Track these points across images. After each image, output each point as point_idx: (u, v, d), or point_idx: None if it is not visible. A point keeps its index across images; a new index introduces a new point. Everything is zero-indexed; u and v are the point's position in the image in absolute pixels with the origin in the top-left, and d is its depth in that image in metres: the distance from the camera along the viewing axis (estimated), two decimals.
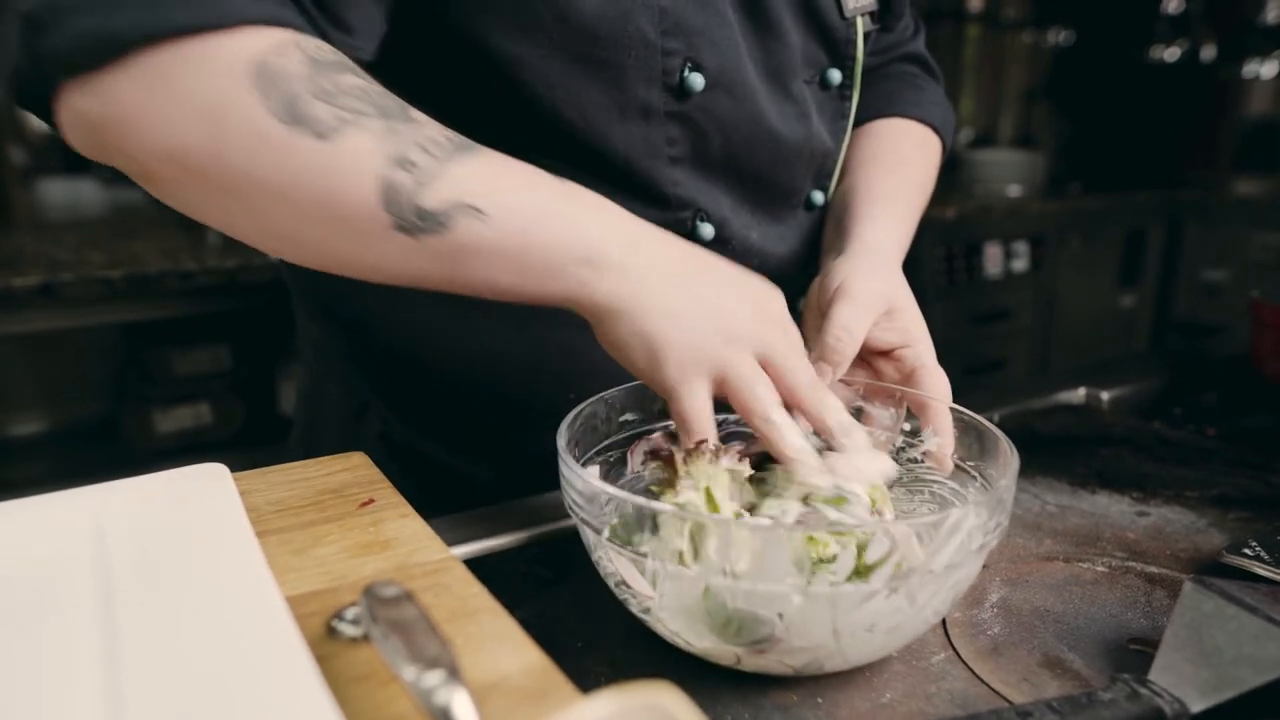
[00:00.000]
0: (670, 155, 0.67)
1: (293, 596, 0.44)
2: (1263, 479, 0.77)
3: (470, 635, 0.40)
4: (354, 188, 0.48)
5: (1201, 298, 3.22)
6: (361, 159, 0.47)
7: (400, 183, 0.48)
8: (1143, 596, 0.57)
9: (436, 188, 0.48)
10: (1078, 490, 0.74)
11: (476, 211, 0.49)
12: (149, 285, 1.70)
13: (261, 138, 0.47)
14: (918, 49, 0.92)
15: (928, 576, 0.45)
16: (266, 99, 0.47)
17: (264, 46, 0.47)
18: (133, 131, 0.47)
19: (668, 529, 0.46)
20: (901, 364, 0.64)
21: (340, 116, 0.47)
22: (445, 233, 0.49)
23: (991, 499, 0.47)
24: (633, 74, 0.62)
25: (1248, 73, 3.26)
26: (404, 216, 0.48)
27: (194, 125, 0.47)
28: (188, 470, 0.53)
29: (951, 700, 0.47)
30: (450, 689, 0.33)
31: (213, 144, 0.47)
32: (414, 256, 0.50)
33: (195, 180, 0.49)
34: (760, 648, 0.45)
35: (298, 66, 0.48)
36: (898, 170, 0.80)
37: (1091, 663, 0.50)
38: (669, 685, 0.27)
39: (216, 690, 0.35)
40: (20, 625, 0.40)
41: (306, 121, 0.47)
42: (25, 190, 2.24)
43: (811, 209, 0.79)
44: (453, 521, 0.65)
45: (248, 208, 0.50)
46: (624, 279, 0.51)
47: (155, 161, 0.48)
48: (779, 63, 0.69)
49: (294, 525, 0.51)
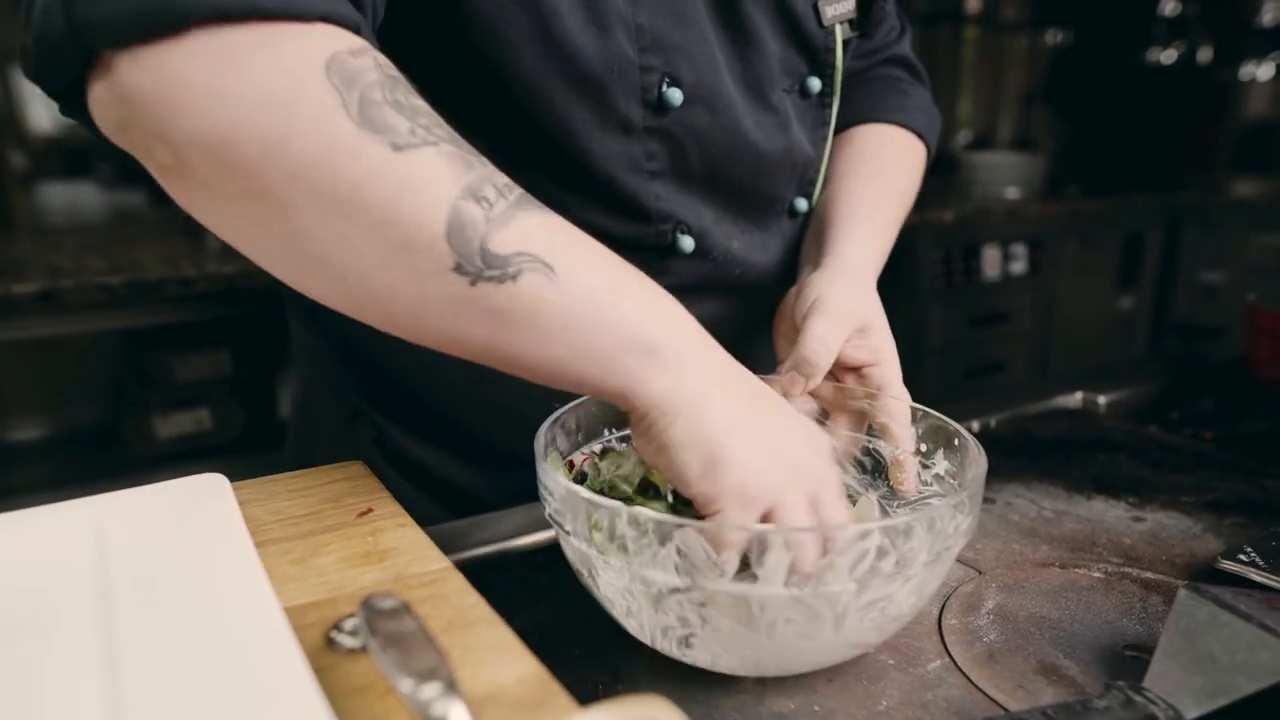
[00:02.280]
0: (650, 169, 0.67)
1: (292, 607, 0.44)
2: (1259, 484, 0.77)
3: (468, 646, 0.41)
4: (420, 212, 0.43)
5: (1200, 300, 3.22)
6: (434, 182, 0.43)
7: (472, 217, 0.43)
8: (1138, 603, 0.58)
9: (508, 231, 0.44)
10: (1074, 495, 0.74)
11: (546, 267, 0.44)
12: (149, 291, 1.70)
13: (331, 135, 0.42)
14: (903, 51, 0.92)
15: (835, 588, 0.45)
16: (342, 96, 0.42)
17: (341, 45, 0.44)
18: (179, 112, 0.42)
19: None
20: (868, 382, 0.65)
21: (416, 133, 0.44)
22: (508, 285, 0.44)
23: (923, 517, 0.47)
24: (613, 90, 0.62)
25: (1245, 75, 3.26)
26: (468, 256, 0.43)
27: (256, 109, 0.42)
28: (187, 480, 0.53)
29: (948, 707, 0.47)
30: (447, 701, 0.33)
31: (273, 133, 0.42)
32: (464, 307, 0.44)
33: (237, 177, 0.43)
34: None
35: (374, 73, 0.44)
36: (878, 179, 0.80)
37: (1087, 669, 0.51)
38: (661, 698, 0.27)
39: (216, 701, 0.35)
40: (21, 635, 0.40)
41: (382, 129, 0.43)
42: (25, 194, 2.24)
43: (795, 216, 0.80)
44: (451, 530, 0.65)
45: (290, 218, 0.44)
46: (686, 378, 0.47)
47: (196, 149, 0.43)
48: (757, 73, 0.70)
49: (293, 535, 0.52)
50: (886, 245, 0.77)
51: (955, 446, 0.58)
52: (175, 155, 0.44)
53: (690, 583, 0.44)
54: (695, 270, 0.72)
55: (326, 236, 0.44)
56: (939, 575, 0.49)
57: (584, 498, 0.46)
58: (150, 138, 0.44)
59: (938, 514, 0.47)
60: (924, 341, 2.67)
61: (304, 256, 0.45)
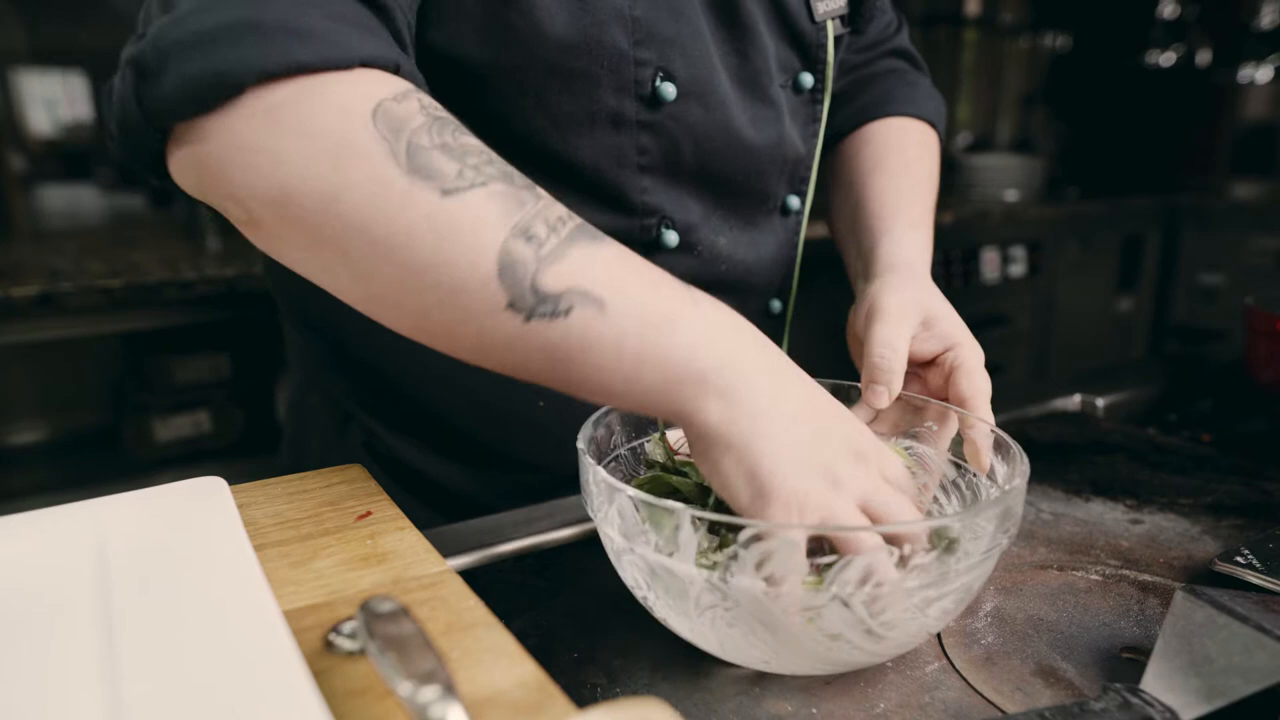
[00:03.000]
0: (640, 164, 0.67)
1: (290, 610, 0.44)
2: (1257, 486, 0.77)
3: (466, 649, 0.41)
4: (471, 254, 0.44)
5: (1199, 302, 3.23)
6: (484, 224, 0.44)
7: (522, 256, 0.44)
8: (1136, 605, 0.58)
9: (558, 268, 0.44)
10: (1072, 498, 0.75)
11: (597, 302, 0.45)
12: (148, 294, 1.70)
13: (381, 184, 0.44)
14: (902, 44, 0.93)
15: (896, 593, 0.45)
16: (389, 145, 0.44)
17: (385, 92, 0.45)
18: (240, 172, 0.45)
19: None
20: (942, 367, 0.63)
21: (464, 175, 0.45)
22: (559, 320, 0.44)
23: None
24: (605, 84, 0.62)
25: (1243, 77, 3.27)
26: (519, 294, 0.44)
27: (309, 164, 0.44)
28: (186, 484, 0.53)
29: (945, 710, 0.47)
30: (445, 704, 0.33)
31: (327, 186, 0.44)
32: (519, 342, 0.45)
33: (300, 230, 0.46)
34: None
35: (419, 117, 0.45)
36: (905, 173, 0.80)
37: (1085, 671, 0.51)
38: (659, 701, 0.27)
39: (215, 704, 0.35)
40: (21, 638, 0.40)
41: (431, 174, 0.44)
42: (25, 197, 2.24)
43: (787, 214, 0.80)
44: (449, 533, 0.65)
45: (352, 263, 0.46)
46: (739, 410, 0.46)
47: (261, 205, 0.46)
48: (753, 68, 0.70)
49: (292, 538, 0.52)
50: (929, 237, 0.76)
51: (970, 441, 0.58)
52: (246, 212, 0.47)
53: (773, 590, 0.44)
54: (678, 266, 0.71)
55: (386, 279, 0.46)
56: (986, 574, 0.50)
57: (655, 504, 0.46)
58: (222, 198, 0.47)
59: (1010, 502, 0.48)
60: None
61: (370, 296, 0.48)
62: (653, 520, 0.47)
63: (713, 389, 0.46)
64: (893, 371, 0.61)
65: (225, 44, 0.44)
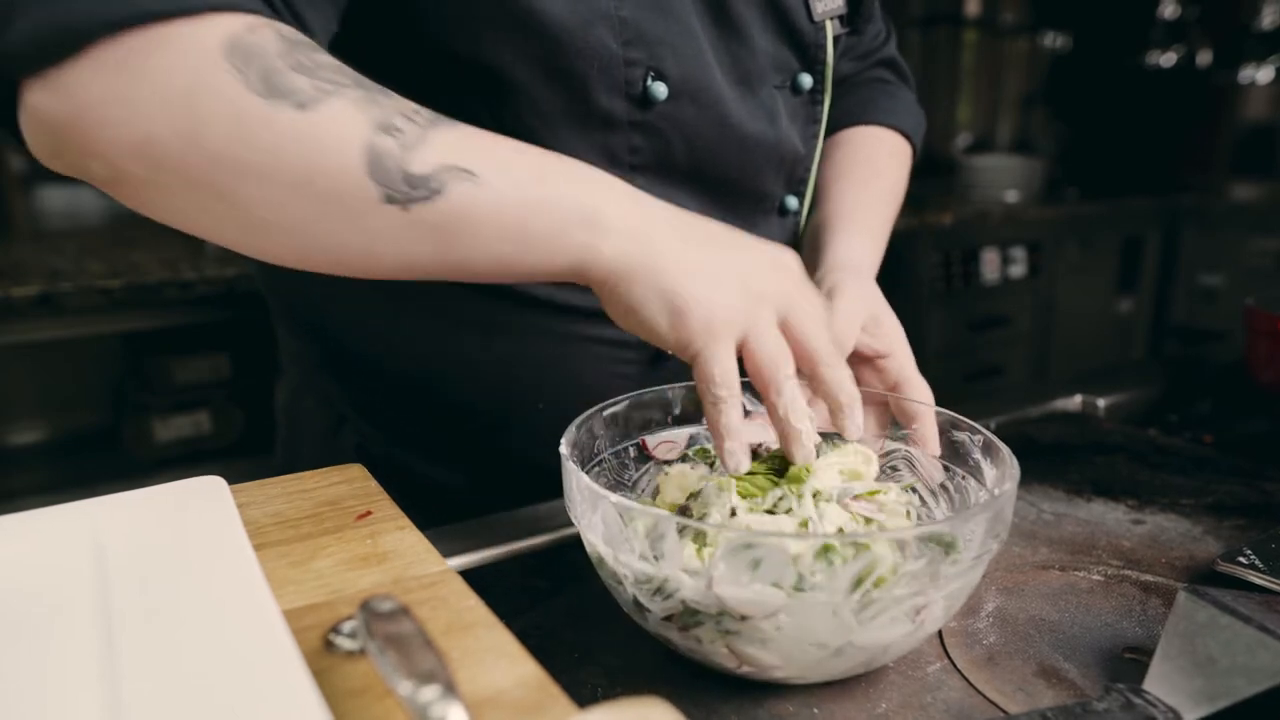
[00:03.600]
0: (632, 163, 0.67)
1: (290, 610, 0.44)
2: (1258, 486, 0.77)
3: (467, 649, 0.41)
4: (339, 156, 0.45)
5: (1199, 303, 3.23)
6: (345, 126, 0.45)
7: (386, 148, 0.45)
8: (1138, 605, 0.58)
9: (424, 151, 0.46)
10: (1073, 498, 0.74)
11: (468, 174, 0.46)
12: (148, 294, 1.70)
13: (239, 114, 0.44)
14: (890, 54, 0.93)
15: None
16: (243, 74, 0.45)
17: (237, 27, 0.46)
18: (97, 126, 0.45)
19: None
20: (885, 374, 0.65)
21: (320, 87, 0.46)
22: (437, 200, 0.46)
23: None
24: (595, 84, 0.62)
25: (1243, 78, 3.27)
26: (392, 184, 0.46)
27: (166, 109, 0.44)
28: (186, 483, 0.53)
29: (947, 710, 0.47)
30: (446, 704, 0.33)
31: (187, 127, 0.44)
32: (406, 232, 0.47)
33: (169, 175, 0.46)
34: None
35: (273, 43, 0.46)
36: (871, 182, 0.81)
37: (1087, 672, 0.51)
38: (660, 700, 0.27)
39: (214, 704, 0.35)
40: (20, 639, 0.40)
41: (286, 93, 0.45)
42: (24, 198, 2.24)
43: (785, 214, 0.80)
44: (450, 533, 0.65)
45: (226, 197, 0.46)
46: (632, 239, 0.49)
47: (125, 158, 0.45)
48: (747, 69, 0.70)
49: (292, 538, 0.52)
50: (881, 247, 0.78)
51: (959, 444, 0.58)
52: (109, 166, 0.46)
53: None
54: None
55: (262, 204, 0.46)
56: (973, 582, 0.49)
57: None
58: (82, 156, 0.46)
59: (1001, 506, 0.47)
60: (923, 345, 2.67)
61: (251, 227, 0.48)
62: (635, 526, 0.47)
63: (603, 225, 0.48)
64: (844, 347, 0.63)
65: (52, 2, 0.43)
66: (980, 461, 0.57)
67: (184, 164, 0.45)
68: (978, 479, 0.57)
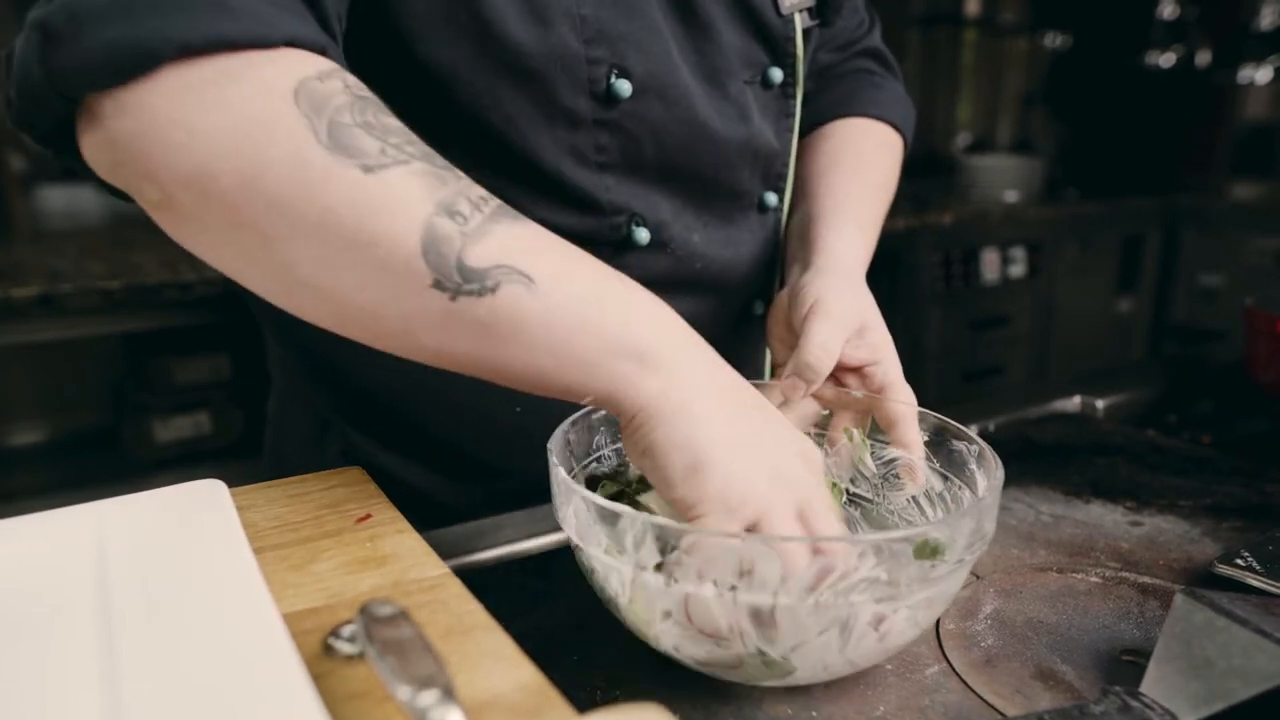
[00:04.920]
0: (599, 161, 0.66)
1: (290, 614, 0.44)
2: (1257, 488, 0.77)
3: (466, 652, 0.41)
4: (396, 229, 0.43)
5: (1199, 303, 3.23)
6: (408, 200, 0.44)
7: (446, 233, 0.43)
8: (1135, 607, 0.58)
9: (485, 244, 0.44)
10: (1072, 500, 0.75)
11: (524, 278, 0.44)
12: (148, 295, 1.70)
13: (303, 163, 0.43)
14: (874, 44, 0.91)
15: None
16: (312, 122, 0.43)
17: (309, 70, 0.45)
18: (160, 150, 0.43)
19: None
20: (870, 380, 0.64)
21: (387, 153, 0.44)
22: (488, 297, 0.44)
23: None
24: (559, 83, 0.62)
25: (1243, 78, 3.27)
26: (445, 271, 0.43)
27: (231, 143, 0.43)
28: (186, 487, 0.53)
29: (945, 713, 0.47)
30: (445, 708, 0.33)
31: (249, 165, 0.43)
32: (448, 322, 0.45)
33: (219, 210, 0.44)
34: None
35: (342, 96, 0.45)
36: (858, 175, 0.80)
37: (1084, 674, 0.51)
38: (659, 706, 0.27)
39: (214, 707, 0.35)
40: (20, 642, 0.40)
41: (353, 152, 0.44)
42: (24, 198, 2.24)
43: (765, 211, 0.79)
44: (449, 536, 0.65)
45: (272, 247, 0.45)
46: (675, 383, 0.46)
47: (178, 186, 0.44)
48: (714, 64, 0.69)
49: (292, 541, 0.52)
50: (872, 242, 0.77)
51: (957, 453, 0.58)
52: (162, 192, 0.45)
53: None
54: (654, 265, 0.71)
55: (308, 261, 0.45)
56: (948, 594, 0.49)
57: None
58: (138, 177, 0.45)
59: (958, 525, 0.46)
60: (922, 345, 2.67)
61: (291, 282, 0.46)
62: (604, 523, 0.47)
63: (649, 362, 0.46)
64: (820, 373, 0.61)
65: (145, 12, 0.42)
66: (974, 471, 0.57)
67: (236, 203, 0.44)
68: (973, 489, 0.57)
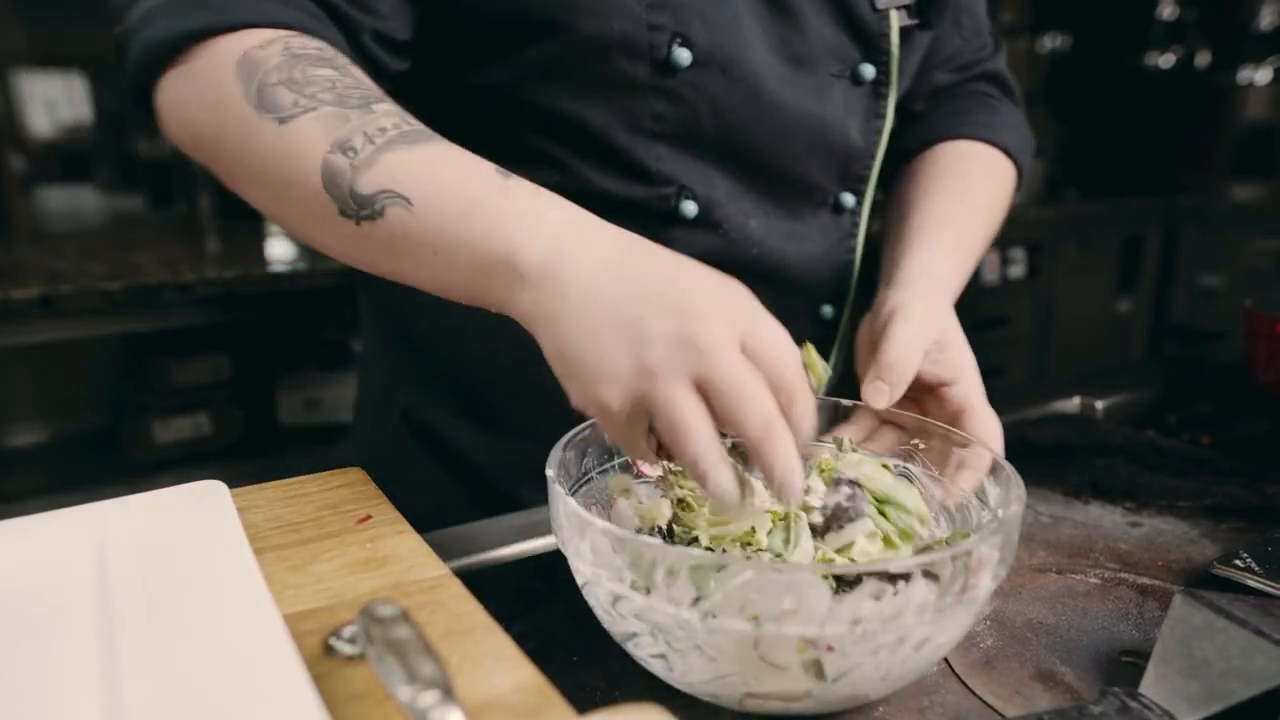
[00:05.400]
0: (654, 130, 0.66)
1: (291, 614, 0.44)
2: (1256, 489, 0.77)
3: (466, 653, 0.41)
4: (303, 170, 0.49)
5: (1199, 303, 3.23)
6: (308, 143, 0.49)
7: (339, 167, 0.49)
8: (1135, 608, 0.58)
9: (371, 173, 0.49)
10: (1071, 501, 0.75)
11: (403, 200, 0.48)
12: (148, 296, 1.70)
13: (239, 120, 0.51)
14: (995, 68, 0.88)
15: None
16: (244, 86, 0.51)
17: (253, 41, 0.52)
18: (169, 125, 0.56)
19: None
20: (948, 403, 0.61)
21: (299, 103, 0.50)
22: (379, 221, 0.49)
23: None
24: (616, 46, 0.62)
25: (1243, 79, 3.27)
26: (343, 201, 0.49)
27: (201, 114, 0.53)
28: (186, 488, 0.53)
29: (944, 714, 0.47)
30: (445, 709, 0.33)
31: (211, 130, 0.53)
32: (361, 243, 0.50)
33: (206, 161, 0.55)
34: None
35: (275, 58, 0.51)
36: (959, 197, 0.77)
37: (1083, 675, 0.51)
38: (658, 706, 0.27)
39: (215, 708, 0.35)
40: (21, 643, 0.40)
41: (270, 107, 0.50)
42: (24, 198, 2.24)
43: (841, 212, 0.77)
44: (449, 536, 0.65)
45: (248, 191, 0.54)
46: (546, 289, 0.46)
47: (185, 148, 0.56)
48: (796, 50, 0.68)
49: (292, 542, 0.52)
50: (967, 264, 0.73)
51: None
52: (190, 156, 0.57)
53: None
54: (702, 242, 0.71)
55: (259, 201, 0.54)
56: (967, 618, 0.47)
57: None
58: (172, 140, 0.57)
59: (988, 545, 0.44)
60: None
61: (273, 216, 0.55)
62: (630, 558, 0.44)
63: (519, 270, 0.47)
64: (903, 376, 0.58)
65: (152, 24, 0.54)
66: (985, 483, 0.55)
67: (216, 160, 0.54)
68: (981, 499, 0.55)
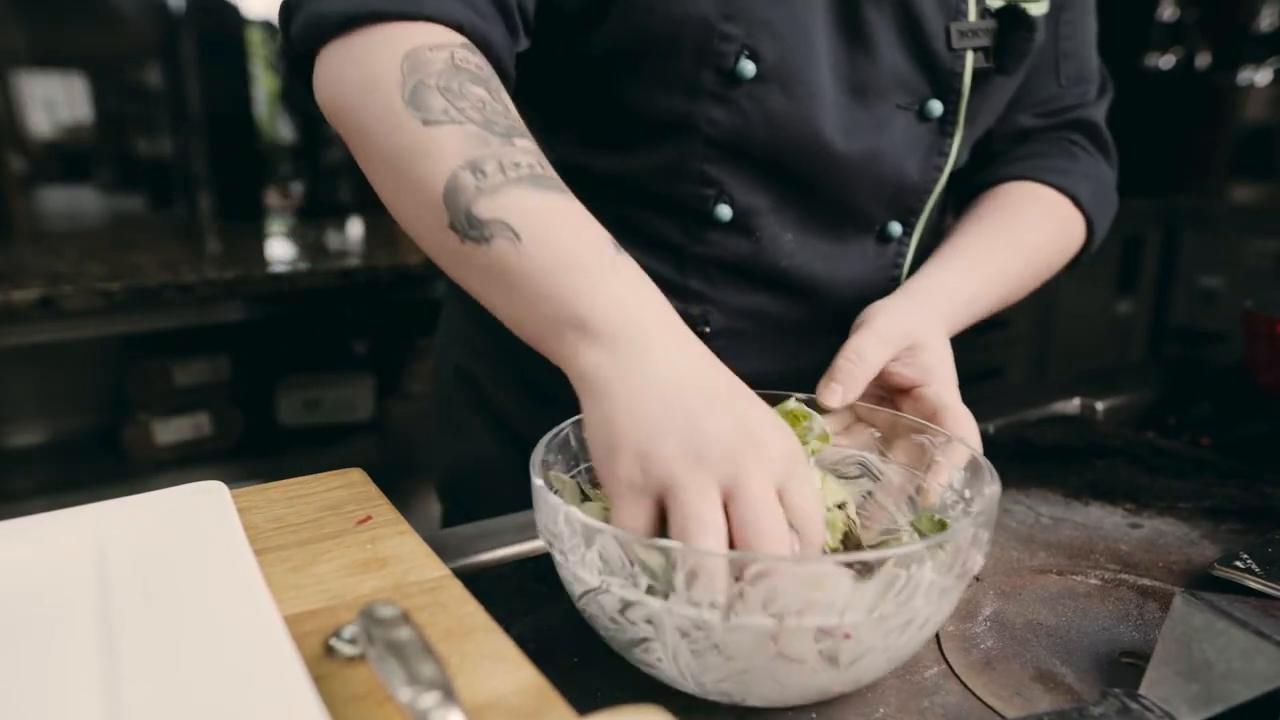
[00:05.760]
0: (707, 133, 0.67)
1: (291, 615, 0.44)
2: (1256, 490, 0.77)
3: (466, 654, 0.41)
4: (429, 175, 0.51)
5: (1199, 304, 3.23)
6: (444, 152, 0.51)
7: (464, 184, 0.50)
8: (1135, 609, 0.58)
9: (493, 200, 0.50)
10: (1071, 502, 0.75)
11: (514, 235, 0.49)
12: (148, 297, 1.70)
13: (388, 109, 0.53)
14: (1089, 116, 0.87)
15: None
16: (403, 78, 0.53)
17: (425, 40, 0.54)
18: (322, 90, 0.58)
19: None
20: (922, 403, 0.62)
21: (448, 112, 0.52)
22: (484, 245, 0.50)
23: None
24: (685, 50, 0.64)
25: (1243, 80, 3.27)
26: (456, 217, 0.51)
27: (354, 90, 0.55)
28: (187, 488, 0.53)
29: (944, 715, 0.48)
30: (445, 710, 0.33)
31: (360, 107, 0.55)
32: (458, 259, 0.52)
33: (346, 136, 0.58)
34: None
35: (440, 64, 0.54)
36: (1002, 231, 0.76)
37: (1084, 676, 0.51)
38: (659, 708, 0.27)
39: (215, 709, 0.35)
40: (21, 642, 0.40)
41: (421, 106, 0.52)
42: (24, 198, 2.24)
43: (887, 240, 0.76)
44: (449, 537, 0.65)
45: (368, 169, 0.57)
46: (610, 358, 0.46)
47: (330, 117, 0.58)
48: (864, 79, 0.68)
49: (292, 543, 0.52)
50: (985, 290, 0.72)
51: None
52: (329, 122, 0.60)
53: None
54: (734, 247, 0.71)
55: (381, 185, 0.56)
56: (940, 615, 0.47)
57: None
58: (323, 111, 0.60)
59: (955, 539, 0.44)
60: None
61: (390, 204, 0.57)
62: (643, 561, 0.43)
63: (591, 335, 0.48)
64: (852, 376, 0.60)
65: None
66: (958, 474, 0.56)
67: (349, 133, 0.57)
68: (953, 489, 0.56)
